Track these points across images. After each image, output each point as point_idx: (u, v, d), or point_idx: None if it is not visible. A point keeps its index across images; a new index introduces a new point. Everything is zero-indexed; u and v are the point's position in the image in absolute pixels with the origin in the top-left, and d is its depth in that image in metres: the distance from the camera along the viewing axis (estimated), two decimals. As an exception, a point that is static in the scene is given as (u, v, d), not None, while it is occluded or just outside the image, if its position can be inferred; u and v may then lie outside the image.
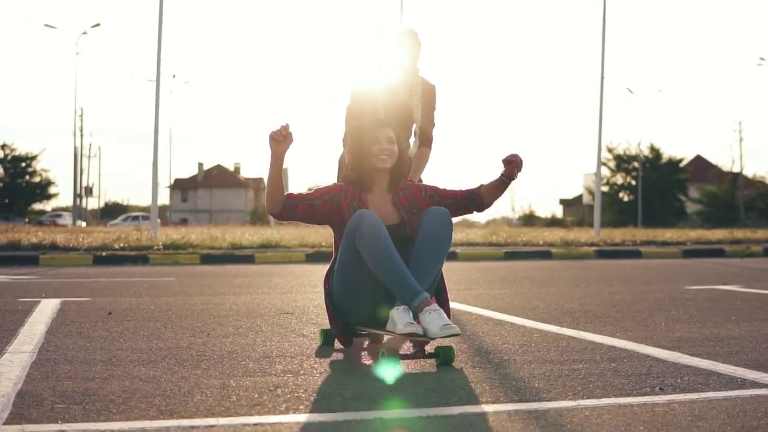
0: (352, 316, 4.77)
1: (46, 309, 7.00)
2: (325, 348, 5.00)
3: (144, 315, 6.70)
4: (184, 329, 5.85)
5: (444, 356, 4.46)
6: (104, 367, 4.34)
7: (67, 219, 61.54)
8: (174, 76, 68.74)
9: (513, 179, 4.94)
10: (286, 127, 4.65)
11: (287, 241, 18.44)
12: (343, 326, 4.81)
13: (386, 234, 4.50)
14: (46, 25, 51.94)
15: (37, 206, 70.11)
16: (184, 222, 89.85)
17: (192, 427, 3.12)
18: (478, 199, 4.99)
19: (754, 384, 3.95)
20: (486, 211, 5.12)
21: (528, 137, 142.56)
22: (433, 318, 4.28)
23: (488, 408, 3.46)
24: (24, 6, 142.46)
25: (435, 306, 4.35)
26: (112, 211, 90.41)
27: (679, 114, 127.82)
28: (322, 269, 13.29)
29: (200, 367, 4.38)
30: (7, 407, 3.41)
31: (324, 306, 5.05)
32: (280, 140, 4.62)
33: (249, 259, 15.63)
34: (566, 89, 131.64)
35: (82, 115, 66.85)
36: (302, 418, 3.28)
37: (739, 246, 18.82)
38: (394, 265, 4.44)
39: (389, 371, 4.17)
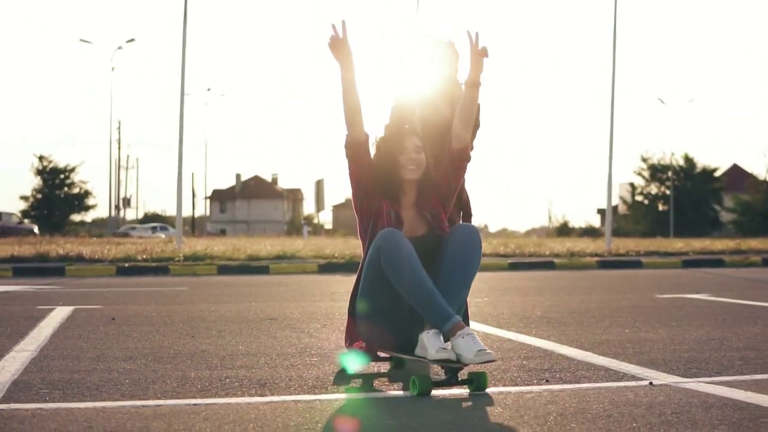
0: (375, 339, 4.61)
1: (58, 315, 7.85)
2: (342, 374, 4.80)
3: (143, 320, 7.51)
4: (172, 332, 6.65)
5: (477, 383, 4.25)
6: (90, 363, 5.15)
7: (140, 231, 62.51)
8: (209, 89, 70.07)
9: (478, 84, 4.76)
10: (336, 27, 4.68)
11: (304, 252, 19.26)
12: (362, 348, 4.64)
13: (414, 254, 4.36)
14: (81, 40, 53.34)
15: (76, 217, 71.70)
16: (222, 233, 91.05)
17: (144, 406, 3.91)
18: (452, 151, 4.78)
19: (633, 377, 4.66)
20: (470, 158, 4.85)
21: (566, 147, 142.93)
22: (467, 343, 4.16)
23: (381, 395, 4.25)
24: (60, 22, 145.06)
25: (468, 330, 4.23)
26: (151, 222, 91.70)
27: (716, 123, 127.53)
28: (333, 279, 14.12)
29: (172, 362, 5.18)
30: (1, 392, 4.22)
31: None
32: (335, 44, 4.66)
33: (264, 270, 16.48)
34: (603, 100, 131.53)
35: (119, 128, 68.40)
36: (233, 400, 4.06)
37: (739, 256, 19.40)
38: (424, 288, 4.30)
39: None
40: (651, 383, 4.46)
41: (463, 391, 4.27)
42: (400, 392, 4.31)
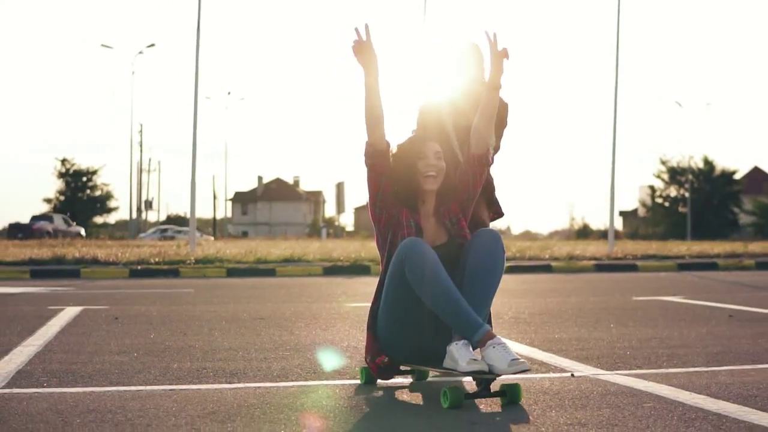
0: (399, 352, 4.51)
1: (67, 315, 8.56)
2: (365, 387, 4.75)
3: (143, 320, 8.20)
4: (168, 330, 7.33)
5: (511, 395, 4.16)
6: (88, 356, 5.84)
7: (186, 235, 63.06)
8: (229, 93, 71.10)
9: (498, 86, 4.64)
10: (361, 31, 4.52)
11: (312, 255, 19.96)
12: (384, 362, 4.55)
13: (439, 264, 4.26)
14: (102, 45, 54.24)
15: (98, 220, 72.87)
16: (244, 235, 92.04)
17: (126, 391, 4.57)
18: (471, 157, 4.65)
19: (561, 370, 5.26)
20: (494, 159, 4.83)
21: (589, 150, 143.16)
22: (499, 353, 4.09)
23: (330, 382, 4.92)
24: (81, 27, 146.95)
25: (499, 339, 4.15)
26: (174, 224, 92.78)
27: (737, 126, 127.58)
28: (335, 281, 14.78)
29: (159, 356, 5.85)
30: (6, 379, 4.91)
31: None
32: (359, 48, 4.50)
33: (271, 273, 17.21)
34: (625, 103, 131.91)
35: (141, 131, 69.35)
36: (203, 386, 4.72)
37: (733, 260, 19.95)
38: (451, 297, 4.21)
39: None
40: (572, 375, 5.07)
41: (402, 380, 4.91)
42: (353, 380, 4.96)
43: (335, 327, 7.61)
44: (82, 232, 52.84)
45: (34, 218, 51.89)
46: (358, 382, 4.79)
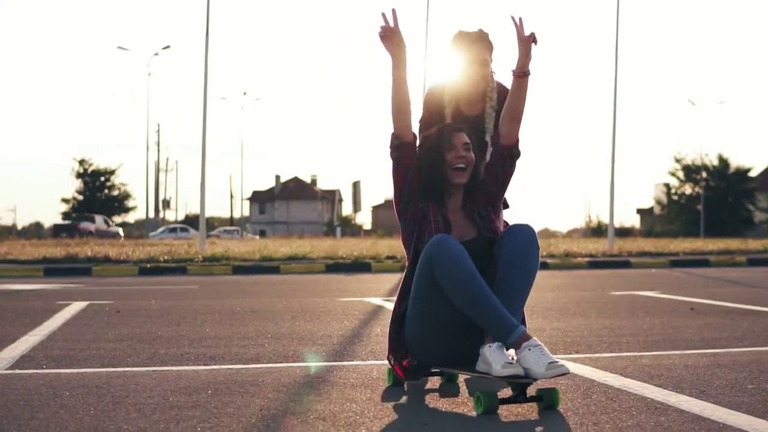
0: (429, 356, 4.33)
1: (73, 309, 9.24)
2: (393, 389, 4.62)
3: (143, 313, 8.87)
4: (163, 322, 7.99)
5: (548, 400, 3.98)
6: (86, 343, 6.50)
7: (226, 234, 63.79)
8: (245, 93, 71.97)
9: (526, 73, 4.48)
10: (388, 16, 4.38)
11: (314, 253, 20.65)
12: (411, 364, 4.41)
13: (470, 262, 4.06)
14: (119, 47, 54.98)
15: (117, 219, 73.86)
16: (262, 234, 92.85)
17: (113, 372, 5.22)
18: (500, 148, 4.52)
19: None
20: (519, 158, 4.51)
21: (606, 148, 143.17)
22: (535, 356, 3.90)
23: (297, 365, 5.56)
24: (98, 29, 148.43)
25: (535, 341, 3.96)
26: (192, 223, 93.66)
27: (753, 124, 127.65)
28: (335, 278, 15.42)
29: (151, 343, 6.50)
30: (10, 363, 5.57)
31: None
32: (386, 34, 4.37)
33: (275, 270, 17.90)
34: (642, 102, 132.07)
35: (158, 131, 70.21)
36: (182, 368, 5.36)
37: (725, 257, 20.51)
38: (484, 297, 4.02)
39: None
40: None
41: (374, 363, 5.54)
42: (302, 364, 5.61)
43: (318, 319, 8.23)
44: (121, 232, 53.97)
45: (76, 218, 53.08)
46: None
